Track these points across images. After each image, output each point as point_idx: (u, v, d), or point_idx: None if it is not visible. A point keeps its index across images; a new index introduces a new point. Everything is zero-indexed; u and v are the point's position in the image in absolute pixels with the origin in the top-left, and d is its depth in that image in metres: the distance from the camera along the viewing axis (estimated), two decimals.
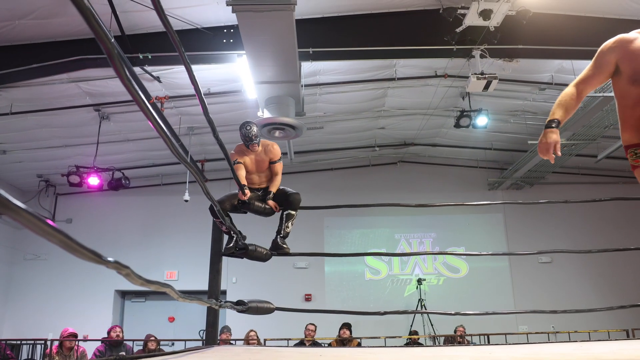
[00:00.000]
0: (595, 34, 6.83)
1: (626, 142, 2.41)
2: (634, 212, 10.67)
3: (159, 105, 6.83)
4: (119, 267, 0.94)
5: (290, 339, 8.04)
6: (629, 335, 9.12)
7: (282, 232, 4.19)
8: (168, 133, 1.78)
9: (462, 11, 6.25)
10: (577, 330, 8.60)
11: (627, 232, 10.50)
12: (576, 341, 6.78)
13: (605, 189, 11.04)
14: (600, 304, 8.63)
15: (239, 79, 6.93)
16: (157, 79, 6.88)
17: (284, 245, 4.20)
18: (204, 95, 7.62)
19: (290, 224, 4.21)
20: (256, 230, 5.13)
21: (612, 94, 7.23)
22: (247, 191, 4.03)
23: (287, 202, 4.23)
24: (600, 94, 7.52)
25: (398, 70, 7.77)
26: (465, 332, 8.86)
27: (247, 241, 4.10)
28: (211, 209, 4.02)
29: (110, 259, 0.90)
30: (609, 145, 9.51)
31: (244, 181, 4.10)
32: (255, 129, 4.15)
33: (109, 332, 7.25)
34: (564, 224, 11.00)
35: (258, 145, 4.19)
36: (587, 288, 10.68)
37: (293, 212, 4.22)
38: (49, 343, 7.34)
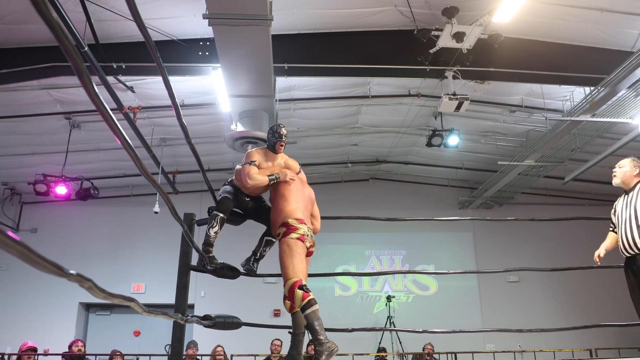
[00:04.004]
0: (564, 60, 7.05)
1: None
2: (598, 232, 10.87)
3: (131, 115, 6.75)
4: (81, 280, 0.92)
5: (257, 355, 7.95)
6: (592, 355, 9.27)
7: (258, 255, 4.02)
8: (134, 148, 1.77)
9: (436, 33, 6.37)
10: (542, 350, 8.71)
11: (592, 252, 10.70)
12: None
13: (571, 210, 11.27)
14: (565, 323, 8.76)
15: (213, 91, 6.91)
16: (131, 89, 6.81)
17: (255, 268, 4.03)
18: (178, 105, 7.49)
19: (268, 249, 4.06)
20: (228, 243, 5.09)
21: (580, 118, 7.38)
22: (288, 173, 3.75)
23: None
24: (568, 118, 7.72)
25: (372, 88, 7.85)
26: (433, 350, 8.89)
27: (218, 254, 4.03)
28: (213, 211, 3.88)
29: (72, 271, 0.89)
30: (575, 167, 9.74)
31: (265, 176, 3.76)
32: (285, 130, 3.93)
33: (70, 346, 7.04)
34: (532, 243, 11.19)
35: (283, 147, 3.94)
36: (553, 307, 10.85)
37: (274, 240, 4.04)
38: (6, 357, 7.11)
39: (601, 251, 3.98)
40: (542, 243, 11.18)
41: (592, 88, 7.22)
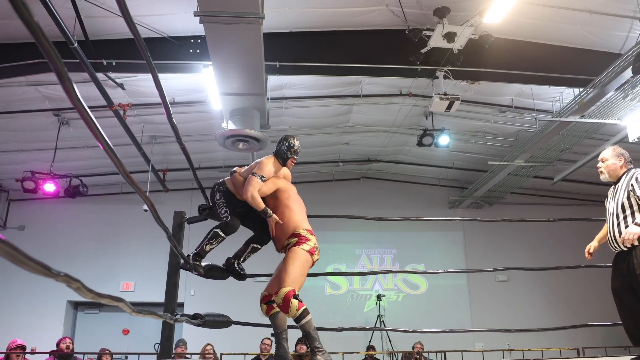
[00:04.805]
0: (553, 61, 7.09)
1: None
2: (587, 232, 10.93)
3: (121, 112, 6.71)
4: (68, 280, 0.91)
5: (247, 354, 7.94)
6: (579, 354, 9.35)
7: (242, 258, 3.94)
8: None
9: (427, 33, 6.39)
10: (531, 349, 8.77)
11: (580, 252, 10.76)
12: (529, 359, 6.91)
13: (560, 210, 11.37)
14: (553, 322, 8.82)
15: (205, 89, 6.87)
16: (121, 86, 6.76)
17: (242, 272, 3.94)
18: (169, 104, 7.43)
19: (253, 254, 3.97)
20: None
21: (569, 119, 7.42)
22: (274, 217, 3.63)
23: (265, 236, 3.88)
24: (557, 119, 7.77)
25: (363, 88, 7.86)
26: (422, 349, 8.92)
27: (209, 256, 4.00)
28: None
29: (59, 271, 0.88)
30: (564, 168, 9.82)
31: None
32: (299, 145, 3.93)
33: (58, 344, 6.99)
34: (521, 243, 11.25)
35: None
36: (541, 307, 10.92)
37: (260, 248, 3.96)
38: None
39: (593, 244, 3.83)
40: (531, 243, 11.25)
41: (581, 89, 7.27)
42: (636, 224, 3.21)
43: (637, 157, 4.05)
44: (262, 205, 3.62)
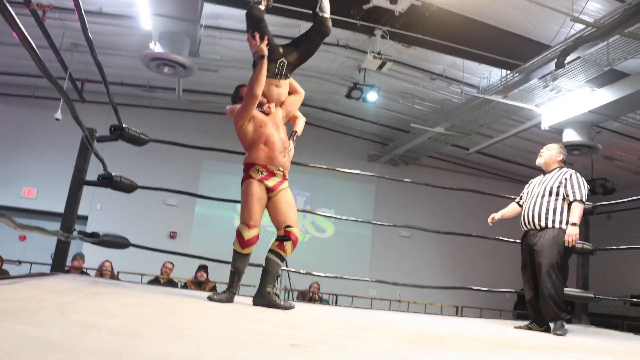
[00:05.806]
0: (488, 40, 7.30)
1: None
2: (490, 205, 11.64)
3: (40, 13, 6.26)
4: None
5: (145, 274, 8.03)
6: (457, 311, 10.22)
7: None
8: (40, 48, 1.69)
9: None
10: (416, 301, 9.44)
11: (480, 221, 11.45)
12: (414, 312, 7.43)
13: (471, 180, 11.98)
14: (444, 281, 9.54)
15: (136, 4, 6.52)
16: None
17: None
18: (95, 13, 7.01)
19: None
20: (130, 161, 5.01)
21: (492, 97, 7.69)
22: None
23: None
24: (482, 95, 8.08)
25: (301, 30, 7.72)
26: (319, 289, 9.37)
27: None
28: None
29: None
30: (480, 141, 10.29)
31: None
32: None
33: None
34: (429, 204, 11.76)
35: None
36: (436, 265, 11.67)
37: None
38: None
39: (497, 215, 4.27)
40: (438, 206, 11.80)
41: (508, 72, 7.58)
42: (572, 224, 3.62)
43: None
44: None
